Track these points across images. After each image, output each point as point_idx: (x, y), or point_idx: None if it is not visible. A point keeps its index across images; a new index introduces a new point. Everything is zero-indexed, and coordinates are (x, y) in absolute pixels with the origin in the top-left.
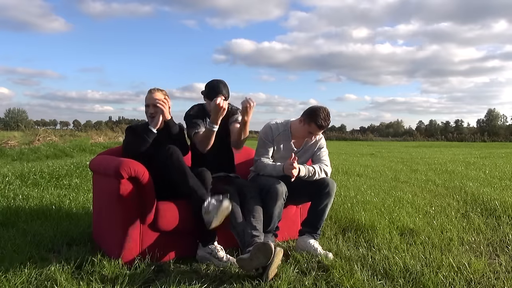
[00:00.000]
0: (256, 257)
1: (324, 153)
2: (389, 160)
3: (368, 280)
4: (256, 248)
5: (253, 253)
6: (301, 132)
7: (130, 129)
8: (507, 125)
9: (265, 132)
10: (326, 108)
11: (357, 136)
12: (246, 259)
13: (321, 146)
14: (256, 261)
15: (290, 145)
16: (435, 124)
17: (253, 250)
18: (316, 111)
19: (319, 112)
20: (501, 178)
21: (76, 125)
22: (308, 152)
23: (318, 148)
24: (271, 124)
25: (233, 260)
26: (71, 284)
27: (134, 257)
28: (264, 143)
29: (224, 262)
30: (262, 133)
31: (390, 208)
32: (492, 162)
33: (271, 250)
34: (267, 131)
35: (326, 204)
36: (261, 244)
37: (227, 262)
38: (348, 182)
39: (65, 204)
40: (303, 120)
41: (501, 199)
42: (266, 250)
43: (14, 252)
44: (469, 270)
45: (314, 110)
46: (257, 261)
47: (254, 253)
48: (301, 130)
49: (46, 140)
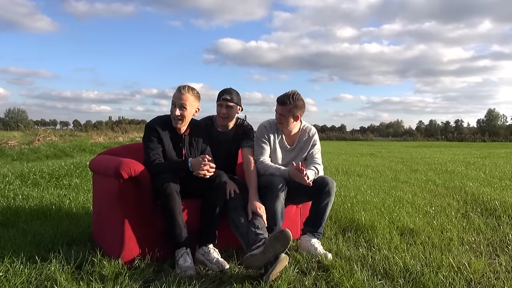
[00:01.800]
0: (271, 248)
1: (317, 151)
2: (389, 160)
3: (368, 280)
4: (272, 238)
5: (268, 244)
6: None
7: (154, 130)
8: (507, 125)
9: (260, 131)
10: (295, 90)
11: (357, 136)
12: (258, 254)
13: (315, 143)
14: (270, 253)
15: (283, 143)
16: (435, 124)
17: (268, 242)
18: (283, 94)
19: (284, 93)
20: (501, 178)
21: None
22: (303, 150)
23: (312, 145)
24: (264, 123)
25: (224, 263)
26: (71, 284)
27: (134, 257)
28: (262, 142)
29: (213, 264)
30: (257, 133)
31: (390, 208)
32: (492, 162)
33: (289, 237)
34: (262, 130)
35: (327, 203)
36: (278, 232)
37: (216, 265)
38: (348, 182)
39: (65, 204)
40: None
41: (501, 199)
42: (284, 238)
43: (14, 252)
44: (469, 270)
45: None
46: (273, 253)
47: (269, 244)
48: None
49: (46, 140)
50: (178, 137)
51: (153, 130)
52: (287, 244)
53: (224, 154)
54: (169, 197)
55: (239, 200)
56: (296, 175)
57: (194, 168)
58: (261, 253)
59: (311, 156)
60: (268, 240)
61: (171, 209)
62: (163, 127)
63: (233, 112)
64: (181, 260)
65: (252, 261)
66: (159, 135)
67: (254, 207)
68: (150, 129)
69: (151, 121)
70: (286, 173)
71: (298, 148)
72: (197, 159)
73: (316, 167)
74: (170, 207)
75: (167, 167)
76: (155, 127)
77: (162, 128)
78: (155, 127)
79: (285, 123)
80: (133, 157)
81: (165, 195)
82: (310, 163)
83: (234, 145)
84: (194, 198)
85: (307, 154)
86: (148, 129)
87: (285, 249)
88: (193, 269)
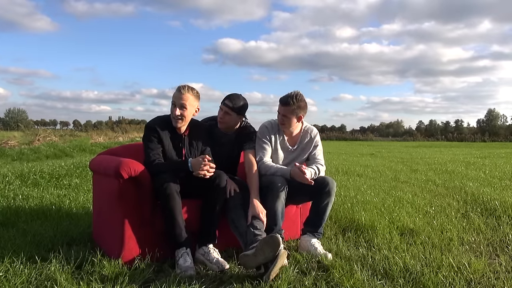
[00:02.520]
0: (261, 252)
1: (319, 151)
2: (389, 160)
3: (368, 280)
4: (262, 242)
5: (258, 247)
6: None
7: (154, 130)
8: (507, 125)
9: (262, 132)
10: (298, 91)
11: (357, 136)
12: (250, 255)
13: (317, 144)
14: (261, 256)
15: (285, 144)
16: (435, 124)
17: (259, 245)
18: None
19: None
20: (501, 178)
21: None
22: (305, 151)
23: (314, 146)
24: (265, 123)
25: (224, 263)
26: (71, 284)
27: (134, 257)
28: (263, 142)
29: (213, 264)
30: (259, 133)
31: (390, 208)
32: (492, 162)
33: (278, 243)
34: (263, 130)
35: (327, 203)
36: (268, 237)
37: (216, 265)
38: (348, 182)
39: (65, 204)
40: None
41: (501, 199)
42: (274, 243)
43: (14, 252)
44: (469, 270)
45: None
46: (263, 256)
47: (260, 247)
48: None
49: (46, 140)
50: (178, 137)
51: (153, 130)
52: (276, 249)
53: (226, 154)
54: (169, 197)
55: (238, 199)
56: (297, 175)
57: (194, 168)
58: (253, 254)
59: (313, 157)
60: (259, 243)
61: (171, 209)
62: (163, 127)
63: (230, 119)
64: (181, 260)
65: (245, 260)
66: (159, 135)
67: (256, 211)
68: (150, 129)
69: (151, 121)
70: (287, 172)
71: (299, 149)
72: (197, 159)
73: (318, 166)
74: (170, 207)
75: (167, 167)
76: (155, 127)
77: (162, 128)
78: (155, 127)
79: (288, 124)
80: (133, 157)
81: (165, 195)
82: (312, 164)
83: (236, 146)
84: (194, 198)
85: (308, 155)
86: (148, 129)
87: (274, 253)
88: (193, 269)
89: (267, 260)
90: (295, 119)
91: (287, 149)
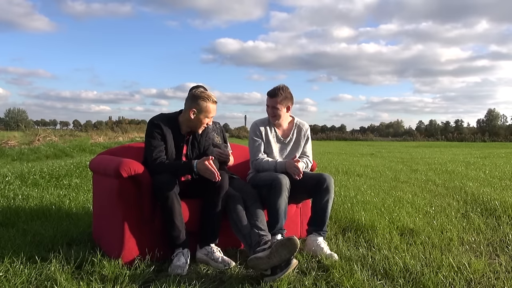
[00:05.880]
0: (277, 254)
1: (308, 146)
2: (389, 160)
3: (368, 280)
4: (279, 244)
5: (274, 249)
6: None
7: (158, 126)
8: (507, 125)
9: (253, 130)
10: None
11: (357, 136)
12: (263, 258)
13: (308, 137)
14: (276, 258)
15: (278, 136)
16: (435, 124)
17: (274, 247)
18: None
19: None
20: (501, 178)
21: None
22: (298, 144)
23: (306, 139)
24: (256, 121)
25: (229, 261)
26: (71, 284)
27: (134, 257)
28: (255, 141)
29: (219, 263)
30: (251, 132)
31: (390, 208)
32: (492, 162)
33: (296, 245)
34: (253, 127)
35: (327, 200)
36: (285, 239)
37: (222, 264)
38: (348, 182)
39: (65, 204)
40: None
41: (501, 199)
42: (291, 245)
43: (14, 252)
44: (469, 270)
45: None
46: (278, 258)
47: (275, 249)
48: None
49: (46, 140)
50: (180, 137)
51: (156, 126)
52: (293, 251)
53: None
54: (168, 199)
55: (240, 201)
56: (291, 165)
57: (202, 173)
58: (267, 257)
59: (304, 152)
60: (274, 245)
61: (169, 211)
62: (166, 124)
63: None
64: (175, 259)
65: (256, 263)
66: (162, 132)
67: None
68: (153, 125)
69: (155, 117)
70: (282, 166)
71: (295, 141)
72: (203, 163)
73: (307, 161)
74: (169, 209)
75: (171, 168)
76: (159, 123)
77: (165, 125)
78: (159, 123)
79: (278, 114)
80: (133, 157)
81: (164, 197)
82: (303, 158)
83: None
84: (194, 198)
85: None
86: (152, 125)
87: (291, 256)
88: (182, 268)
89: (282, 261)
90: (284, 109)
91: (280, 140)
